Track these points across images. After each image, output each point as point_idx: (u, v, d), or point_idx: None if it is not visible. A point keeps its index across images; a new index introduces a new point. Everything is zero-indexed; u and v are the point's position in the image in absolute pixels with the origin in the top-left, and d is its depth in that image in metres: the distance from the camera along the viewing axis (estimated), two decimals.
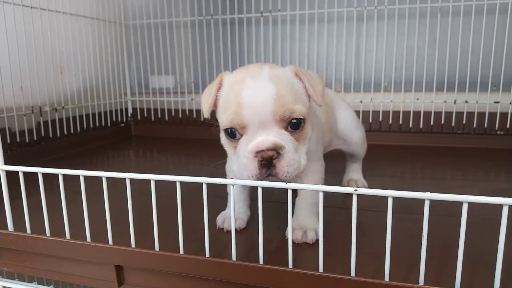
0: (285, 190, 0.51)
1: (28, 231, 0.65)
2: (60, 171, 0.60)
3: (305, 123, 0.59)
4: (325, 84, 0.66)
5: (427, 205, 0.44)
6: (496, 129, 1.43)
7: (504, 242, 0.42)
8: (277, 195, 0.87)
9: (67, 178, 0.59)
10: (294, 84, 0.60)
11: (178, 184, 0.54)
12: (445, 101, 1.46)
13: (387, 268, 0.47)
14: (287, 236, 0.65)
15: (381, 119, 1.54)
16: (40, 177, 0.61)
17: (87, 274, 0.66)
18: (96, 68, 1.60)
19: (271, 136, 0.55)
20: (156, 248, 0.58)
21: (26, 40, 1.25)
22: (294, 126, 0.57)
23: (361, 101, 1.54)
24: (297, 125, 0.58)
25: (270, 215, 0.77)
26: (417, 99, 1.49)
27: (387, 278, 0.48)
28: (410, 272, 0.55)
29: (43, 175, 0.61)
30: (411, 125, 1.52)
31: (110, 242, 0.60)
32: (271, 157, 0.55)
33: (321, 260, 0.50)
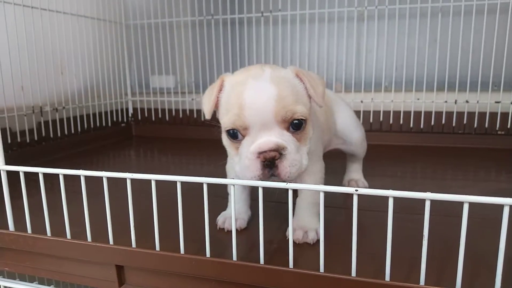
0: (285, 190, 0.51)
1: (29, 231, 0.65)
2: (60, 171, 0.60)
3: (306, 124, 0.59)
4: (326, 85, 0.66)
5: (427, 205, 0.44)
6: (497, 129, 1.43)
7: (505, 242, 0.42)
8: (277, 195, 0.88)
9: (68, 178, 0.59)
10: (295, 85, 0.61)
11: (178, 184, 0.54)
12: (446, 101, 1.46)
13: (388, 268, 0.47)
14: (288, 236, 0.65)
15: (381, 119, 1.54)
16: (40, 177, 0.61)
17: (88, 274, 0.66)
18: (96, 68, 1.60)
19: (273, 137, 0.56)
20: (157, 248, 0.58)
21: (26, 40, 1.25)
22: (296, 126, 0.58)
23: (361, 101, 1.54)
24: (298, 125, 0.58)
25: (271, 215, 0.77)
26: (418, 99, 1.49)
27: (387, 278, 0.48)
28: (411, 272, 0.55)
29: (44, 175, 0.62)
30: (411, 125, 1.52)
31: (111, 242, 0.60)
32: (274, 157, 0.55)
33: (322, 260, 0.50)
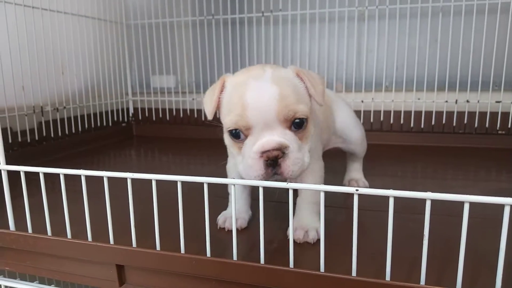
0: (286, 189, 0.51)
1: (30, 230, 0.66)
2: (61, 171, 0.60)
3: (307, 123, 0.60)
4: (326, 84, 0.66)
5: (428, 205, 0.44)
6: (497, 128, 1.43)
7: (505, 242, 0.42)
8: (278, 195, 0.88)
9: (69, 178, 0.59)
10: (296, 84, 0.61)
11: (179, 184, 0.54)
12: (447, 101, 1.46)
13: (388, 268, 0.47)
14: (289, 235, 0.65)
15: (382, 118, 1.54)
16: (41, 177, 0.62)
17: (89, 273, 0.66)
18: (97, 68, 1.60)
19: (275, 136, 0.56)
20: (157, 247, 0.58)
21: (27, 40, 1.25)
22: (297, 125, 0.58)
23: (362, 101, 1.54)
24: (300, 124, 0.58)
25: (271, 215, 0.77)
26: (418, 99, 1.49)
27: (388, 278, 0.48)
28: (412, 272, 0.55)
29: (45, 174, 0.62)
30: (412, 125, 1.51)
31: (112, 241, 0.61)
32: (277, 156, 0.56)
33: (322, 259, 0.50)
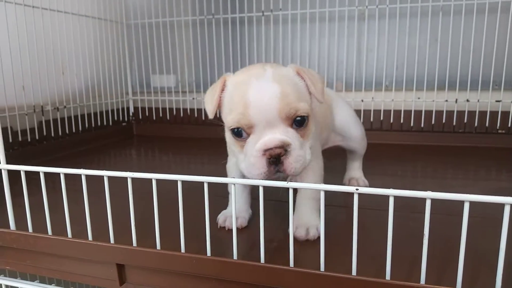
0: (286, 188, 0.51)
1: (30, 230, 0.66)
2: (61, 170, 0.60)
3: (308, 120, 0.60)
4: (326, 83, 0.66)
5: (428, 204, 0.44)
6: (497, 128, 1.43)
7: (506, 241, 0.42)
8: (281, 194, 0.87)
9: (69, 177, 0.59)
10: (297, 82, 0.62)
11: (179, 183, 0.54)
12: (447, 100, 1.46)
13: (388, 267, 0.47)
14: (293, 231, 0.66)
15: (382, 118, 1.54)
16: (41, 176, 0.62)
17: (89, 272, 0.66)
18: (97, 67, 1.60)
19: (278, 134, 0.57)
20: (158, 247, 0.58)
21: (27, 39, 1.25)
22: (299, 123, 0.59)
23: (362, 100, 1.54)
24: (301, 122, 0.59)
25: (271, 214, 0.77)
26: (418, 98, 1.49)
27: (388, 277, 0.48)
28: (412, 271, 0.55)
29: (45, 174, 0.62)
30: (412, 124, 1.52)
31: (112, 241, 0.61)
32: (279, 154, 0.56)
33: (322, 259, 0.50)
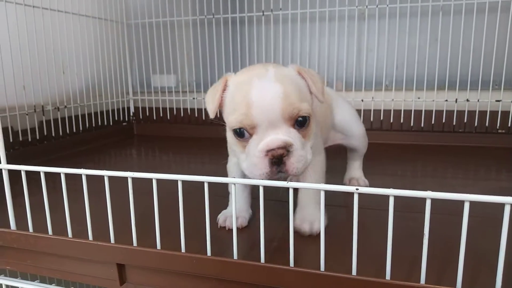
0: (286, 188, 0.51)
1: (31, 229, 0.66)
2: (62, 170, 0.60)
3: (310, 121, 0.60)
4: (326, 83, 0.67)
5: (428, 203, 0.44)
6: (497, 127, 1.43)
7: (506, 241, 0.42)
8: (281, 194, 0.87)
9: (69, 177, 0.59)
10: (298, 82, 0.62)
11: (179, 183, 0.54)
12: (446, 100, 1.46)
13: (388, 267, 0.47)
14: (296, 227, 0.66)
15: (382, 118, 1.54)
16: (42, 176, 0.62)
17: (89, 272, 0.67)
18: (98, 67, 1.60)
19: (280, 134, 0.57)
20: (158, 246, 0.58)
21: (28, 39, 1.25)
22: (300, 124, 0.59)
23: (362, 100, 1.54)
24: (303, 122, 0.59)
25: (272, 213, 0.77)
26: (418, 98, 1.49)
27: (388, 277, 0.48)
28: (412, 271, 0.55)
29: (45, 174, 0.62)
30: (412, 124, 1.52)
31: (112, 240, 0.61)
32: (282, 155, 0.56)
33: (322, 258, 0.50)
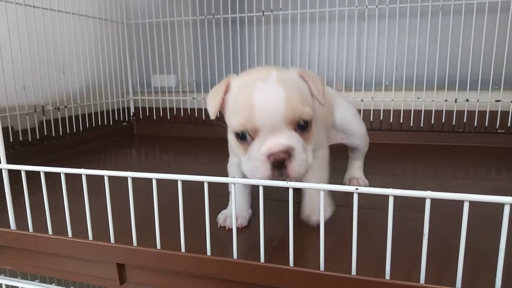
0: (286, 188, 0.51)
1: (31, 229, 0.66)
2: (62, 170, 0.60)
3: (311, 124, 0.60)
4: (326, 83, 0.67)
5: (428, 203, 0.44)
6: (497, 127, 1.43)
7: (505, 241, 0.42)
8: (281, 193, 0.87)
9: (69, 177, 0.59)
10: (300, 85, 0.62)
11: (179, 183, 0.54)
12: (446, 100, 1.46)
13: (388, 267, 0.47)
14: (305, 218, 0.66)
15: (382, 117, 1.54)
16: (42, 176, 0.62)
17: (89, 272, 0.67)
18: (98, 67, 1.60)
19: (282, 139, 0.57)
20: (158, 246, 0.58)
21: (28, 39, 1.25)
22: (302, 127, 0.59)
23: (362, 100, 1.54)
24: (305, 126, 0.59)
25: (272, 213, 0.77)
26: (418, 98, 1.49)
27: (388, 276, 0.48)
28: (411, 270, 0.55)
29: (45, 173, 0.62)
30: (412, 124, 1.52)
31: (112, 240, 0.61)
32: (283, 159, 0.56)
33: (322, 258, 0.50)
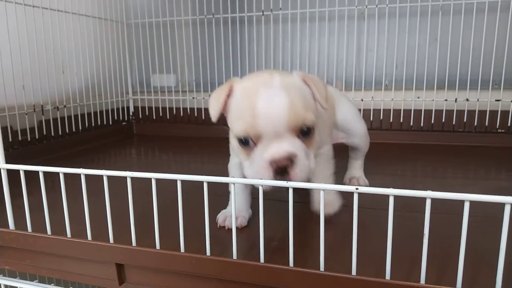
0: (286, 188, 0.51)
1: (29, 229, 0.65)
2: (61, 170, 0.60)
3: (314, 130, 0.60)
4: (326, 83, 0.67)
5: (428, 203, 0.44)
6: (497, 127, 1.43)
7: (506, 240, 0.42)
8: (281, 193, 0.87)
9: (68, 177, 0.59)
10: (303, 90, 0.62)
11: (179, 182, 0.54)
12: (446, 100, 1.46)
13: (388, 267, 0.47)
14: (317, 212, 0.67)
15: (382, 117, 1.54)
16: (41, 176, 0.61)
17: (88, 272, 0.66)
18: (97, 67, 1.60)
19: (285, 145, 0.57)
20: (157, 246, 0.58)
21: (28, 39, 1.25)
22: (305, 133, 0.59)
23: (362, 100, 1.54)
24: (307, 132, 0.59)
25: (271, 213, 0.77)
26: (418, 98, 1.49)
27: (388, 276, 0.48)
28: (412, 270, 0.54)
29: (44, 173, 0.61)
30: (412, 124, 1.51)
31: (111, 240, 0.61)
32: (286, 166, 0.56)
33: (322, 258, 0.50)
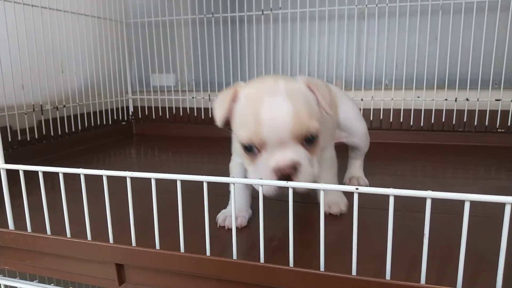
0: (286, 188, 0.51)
1: (29, 229, 0.65)
2: (60, 170, 0.60)
3: (318, 137, 0.60)
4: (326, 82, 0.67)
5: (428, 203, 0.44)
6: (497, 127, 1.43)
7: (506, 240, 0.42)
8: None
9: (68, 177, 0.59)
10: (308, 97, 0.61)
11: (178, 182, 0.54)
12: (446, 99, 1.46)
13: (388, 267, 0.47)
14: (325, 209, 0.68)
15: (381, 117, 1.54)
16: (40, 176, 0.61)
17: (88, 272, 0.66)
18: (97, 66, 1.59)
19: (289, 153, 0.57)
20: (157, 246, 0.58)
21: (27, 38, 1.25)
22: (309, 141, 0.59)
23: (362, 99, 1.54)
24: (311, 140, 0.59)
25: (271, 213, 0.77)
26: (418, 97, 1.49)
27: (388, 277, 0.48)
28: (412, 271, 0.54)
29: (44, 173, 0.61)
30: (412, 123, 1.51)
31: (111, 240, 0.60)
32: (290, 174, 0.56)
33: (322, 258, 0.50)
